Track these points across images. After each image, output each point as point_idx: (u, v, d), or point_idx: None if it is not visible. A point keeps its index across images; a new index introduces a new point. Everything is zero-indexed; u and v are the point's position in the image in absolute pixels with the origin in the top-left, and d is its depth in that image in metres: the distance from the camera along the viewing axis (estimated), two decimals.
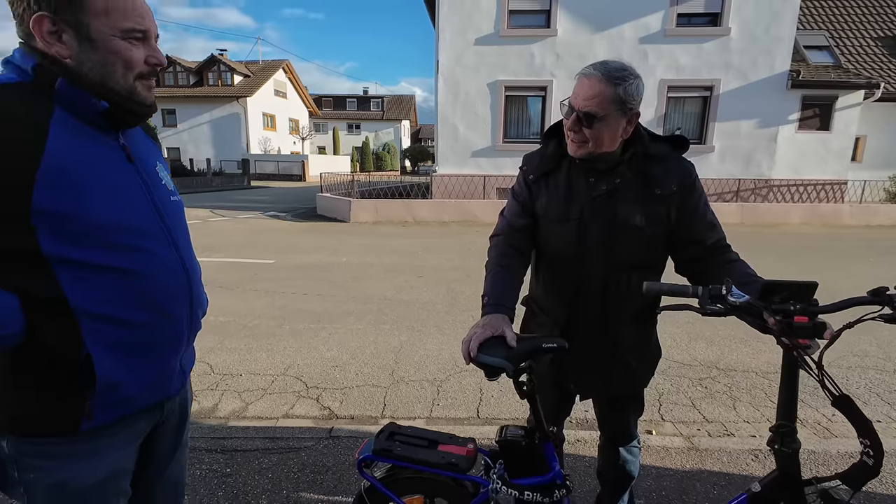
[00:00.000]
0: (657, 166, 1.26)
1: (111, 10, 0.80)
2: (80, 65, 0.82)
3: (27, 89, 0.79)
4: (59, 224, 0.78)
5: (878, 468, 0.95)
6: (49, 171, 0.76)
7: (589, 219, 1.27)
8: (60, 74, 0.80)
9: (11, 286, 0.78)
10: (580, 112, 1.18)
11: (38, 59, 0.80)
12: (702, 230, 1.28)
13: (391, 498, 1.25)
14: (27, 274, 0.79)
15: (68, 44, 0.80)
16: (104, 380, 0.85)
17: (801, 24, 13.07)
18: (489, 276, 1.32)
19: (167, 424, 1.08)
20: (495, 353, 1.12)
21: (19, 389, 0.83)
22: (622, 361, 1.38)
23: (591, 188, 1.27)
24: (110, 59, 0.83)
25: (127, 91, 0.86)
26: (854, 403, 0.95)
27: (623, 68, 1.17)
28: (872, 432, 0.95)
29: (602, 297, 1.31)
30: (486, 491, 1.20)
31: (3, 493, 0.92)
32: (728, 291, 0.97)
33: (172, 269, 0.95)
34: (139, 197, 0.91)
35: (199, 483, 2.03)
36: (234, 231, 9.71)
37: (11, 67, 0.81)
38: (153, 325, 0.92)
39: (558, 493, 1.18)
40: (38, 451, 0.86)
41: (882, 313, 0.95)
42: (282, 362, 3.38)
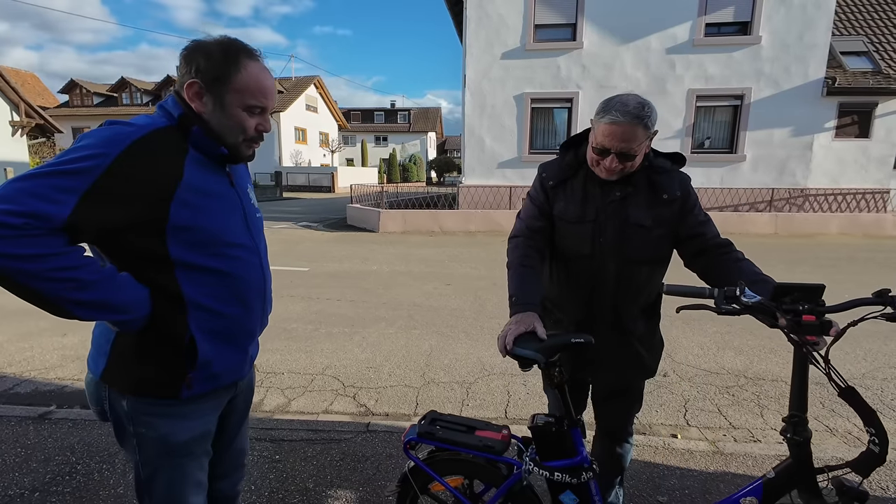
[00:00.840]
0: (661, 176, 1.44)
1: (243, 91, 1.04)
2: (210, 120, 1.05)
3: (173, 132, 1.02)
4: (183, 234, 1.00)
5: (885, 455, 1.04)
6: (182, 193, 0.98)
7: (604, 221, 1.42)
8: (196, 123, 1.03)
9: (145, 280, 1.00)
10: (618, 153, 1.32)
11: (184, 108, 1.04)
12: (699, 224, 1.46)
13: (434, 477, 1.39)
14: (158, 272, 1.00)
15: (206, 104, 1.04)
16: (202, 358, 1.06)
17: (838, 30, 12.73)
18: (514, 276, 1.43)
19: (237, 400, 1.29)
20: (528, 346, 1.24)
21: (140, 361, 1.05)
22: (634, 352, 1.50)
23: (606, 194, 1.43)
24: (232, 123, 1.06)
25: (234, 147, 1.09)
26: (859, 395, 1.05)
27: (642, 104, 1.30)
28: (877, 421, 1.05)
29: (615, 292, 1.44)
30: (519, 472, 1.32)
31: (120, 445, 1.14)
32: (742, 293, 1.08)
33: (256, 273, 1.16)
34: (237, 215, 1.13)
35: (253, 467, 2.23)
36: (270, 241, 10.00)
37: (163, 111, 1.05)
38: (238, 317, 1.12)
39: (585, 475, 1.29)
40: (148, 410, 1.08)
41: (884, 312, 1.04)
42: (320, 363, 3.60)
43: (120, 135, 0.93)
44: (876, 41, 12.47)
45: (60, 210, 0.84)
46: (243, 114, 1.06)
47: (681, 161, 1.49)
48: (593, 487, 1.32)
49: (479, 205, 11.93)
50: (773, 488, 1.16)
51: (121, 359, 1.05)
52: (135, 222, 0.94)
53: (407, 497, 1.50)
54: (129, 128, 0.96)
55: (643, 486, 2.15)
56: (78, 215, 0.86)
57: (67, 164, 0.87)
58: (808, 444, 1.11)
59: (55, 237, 0.86)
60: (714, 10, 11.00)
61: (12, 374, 3.38)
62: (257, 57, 1.07)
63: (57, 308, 0.90)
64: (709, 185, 11.57)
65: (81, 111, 31.11)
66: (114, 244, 0.98)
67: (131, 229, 0.95)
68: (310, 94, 34.85)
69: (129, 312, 0.97)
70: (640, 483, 2.17)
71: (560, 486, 1.31)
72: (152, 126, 0.99)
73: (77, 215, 0.86)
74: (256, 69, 1.05)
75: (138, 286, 0.99)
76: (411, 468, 1.43)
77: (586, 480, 1.29)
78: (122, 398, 1.07)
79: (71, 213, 0.85)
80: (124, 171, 0.91)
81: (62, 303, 0.89)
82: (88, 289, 0.90)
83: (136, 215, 0.94)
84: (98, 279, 0.92)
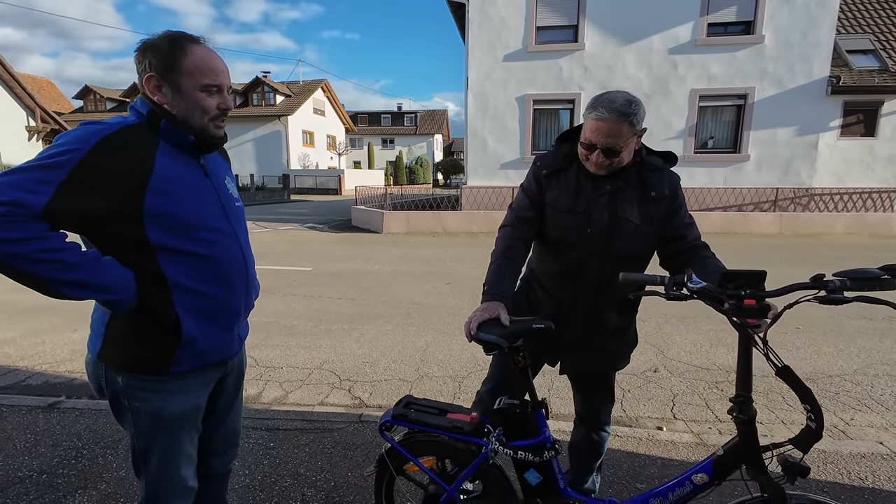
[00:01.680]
0: (652, 174, 1.48)
1: (194, 72, 1.13)
2: (173, 108, 1.15)
3: (143, 127, 1.13)
4: (159, 220, 1.10)
5: (821, 431, 1.10)
6: (155, 182, 1.08)
7: (593, 212, 1.46)
8: (164, 117, 1.14)
9: (129, 264, 1.10)
10: (604, 148, 1.37)
11: (151, 106, 1.14)
12: (683, 226, 1.50)
13: (408, 457, 1.46)
14: (138, 256, 1.10)
15: (166, 94, 1.14)
16: (187, 336, 1.15)
17: (844, 28, 12.65)
18: (493, 265, 1.49)
19: (228, 379, 1.38)
20: (492, 332, 1.32)
21: (132, 340, 1.15)
22: (601, 343, 1.56)
23: (597, 187, 1.47)
24: (192, 105, 1.15)
25: (202, 128, 1.18)
26: (794, 373, 1.10)
27: (629, 102, 1.35)
28: (813, 399, 1.10)
29: (596, 284, 1.50)
30: (486, 452, 1.38)
31: (116, 419, 1.24)
32: (688, 279, 1.15)
33: (235, 256, 1.25)
34: (212, 202, 1.22)
35: (248, 454, 2.34)
36: (276, 241, 10.31)
37: (134, 111, 1.16)
38: (220, 297, 1.22)
39: (547, 454, 1.36)
40: (141, 385, 1.18)
41: (817, 296, 1.08)
42: (318, 358, 3.71)
43: (91, 132, 1.04)
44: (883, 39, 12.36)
45: (38, 199, 0.96)
46: (201, 94, 1.15)
47: (672, 160, 1.53)
48: (555, 466, 1.39)
49: (481, 206, 12.01)
50: (722, 465, 1.22)
51: (115, 338, 1.16)
52: (113, 211, 1.05)
53: (384, 477, 1.57)
54: (100, 126, 1.07)
55: (623, 474, 2.21)
56: (55, 204, 0.97)
57: (45, 160, 0.99)
58: (752, 422, 1.17)
59: (36, 223, 0.97)
60: (716, 9, 11.00)
61: (24, 367, 3.53)
62: (201, 42, 1.17)
63: (46, 287, 1.01)
64: (712, 185, 11.55)
65: (95, 116, 31.74)
66: (98, 231, 1.08)
67: (111, 217, 1.05)
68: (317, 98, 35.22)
69: (115, 292, 1.07)
70: (621, 471, 2.24)
71: (524, 465, 1.38)
72: (123, 123, 1.10)
73: (54, 203, 0.97)
74: (202, 51, 1.15)
75: (122, 269, 1.09)
76: (387, 450, 1.50)
77: (548, 459, 1.36)
78: (118, 375, 1.17)
79: (48, 202, 0.97)
80: (97, 164, 1.02)
81: (50, 283, 1.00)
82: (73, 269, 1.01)
83: (113, 204, 1.04)
84: (81, 261, 1.02)
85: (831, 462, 2.34)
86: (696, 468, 1.26)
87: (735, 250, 8.72)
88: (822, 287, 1.07)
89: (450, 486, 1.44)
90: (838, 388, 3.19)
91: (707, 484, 1.24)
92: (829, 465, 2.31)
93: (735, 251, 8.63)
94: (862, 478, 2.20)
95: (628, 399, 3.05)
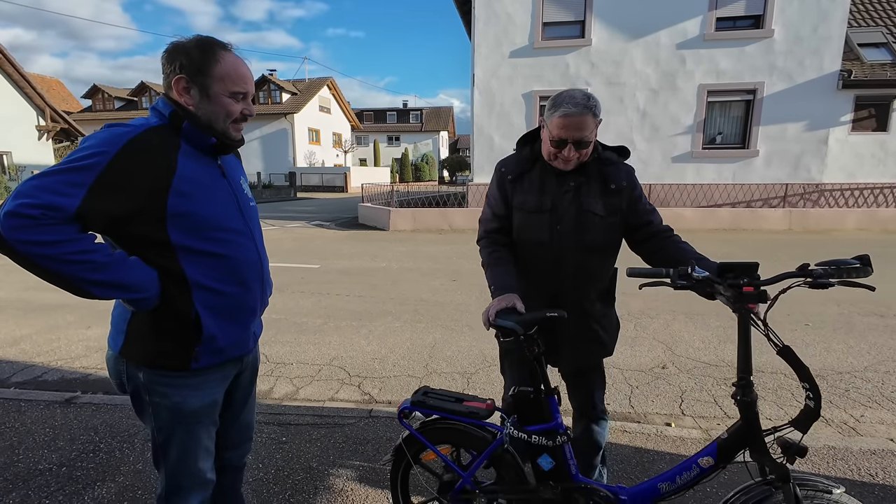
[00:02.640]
0: (609, 168, 1.58)
1: (224, 79, 1.17)
2: (198, 111, 1.18)
3: (166, 129, 1.15)
4: (180, 221, 1.13)
5: (819, 410, 1.17)
6: (177, 183, 1.11)
7: (560, 209, 1.55)
8: (187, 119, 1.16)
9: (151, 263, 1.13)
10: (574, 141, 1.45)
11: (174, 107, 1.16)
12: (647, 213, 1.62)
13: (425, 444, 1.52)
14: (160, 256, 1.13)
15: (193, 96, 1.17)
16: (207, 333, 1.19)
17: (856, 21, 12.46)
18: (488, 271, 1.60)
19: (244, 375, 1.42)
20: (509, 318, 1.40)
21: (154, 337, 1.18)
22: (593, 331, 1.63)
23: (561, 184, 1.55)
24: (218, 109, 1.18)
25: (222, 130, 1.21)
26: (795, 353, 1.18)
27: (587, 96, 1.44)
28: (812, 378, 1.18)
29: (574, 277, 1.57)
30: (502, 437, 1.45)
31: (137, 415, 1.28)
32: (692, 270, 1.24)
33: (251, 255, 1.29)
34: (230, 202, 1.25)
35: (261, 448, 2.38)
36: (284, 239, 10.39)
37: (155, 112, 1.18)
38: (237, 296, 1.25)
39: (560, 439, 1.42)
40: (161, 380, 1.21)
41: (806, 281, 1.19)
42: (327, 354, 3.75)
43: (117, 134, 1.07)
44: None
45: (71, 202, 0.99)
46: (229, 100, 1.18)
47: (626, 154, 1.64)
48: (567, 451, 1.44)
49: None
50: (727, 448, 1.28)
51: (136, 335, 1.19)
52: (138, 211, 1.08)
53: (400, 466, 1.62)
54: (125, 128, 1.09)
55: (631, 469, 2.23)
56: (86, 206, 1.00)
57: (74, 163, 1.02)
58: (754, 404, 1.23)
59: (69, 225, 1.00)
60: (725, 3, 10.88)
61: (41, 363, 3.60)
62: (230, 49, 1.20)
63: (76, 288, 1.04)
64: (720, 181, 11.45)
65: (103, 115, 32.05)
66: (122, 233, 1.11)
67: (136, 218, 1.08)
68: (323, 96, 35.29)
69: (140, 291, 1.10)
70: (629, 467, 2.25)
71: (538, 450, 1.44)
72: (146, 125, 1.12)
73: (85, 206, 1.00)
74: (232, 59, 1.18)
75: (147, 268, 1.12)
76: (405, 438, 1.56)
77: (561, 444, 1.42)
78: (139, 371, 1.20)
79: (80, 204, 1.00)
80: (124, 166, 1.04)
81: (80, 283, 1.03)
82: (102, 270, 1.04)
83: (138, 205, 1.07)
84: (110, 261, 1.05)
85: (841, 458, 2.34)
86: (702, 452, 1.32)
87: (743, 247, 8.66)
88: (808, 275, 1.18)
89: (465, 473, 1.49)
90: (848, 384, 3.18)
91: (713, 467, 1.29)
92: (839, 462, 2.31)
93: (743, 248, 8.57)
94: (872, 474, 2.20)
95: (636, 395, 3.06)
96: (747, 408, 1.22)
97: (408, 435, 1.55)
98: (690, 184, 11.36)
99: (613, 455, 2.33)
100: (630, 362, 3.56)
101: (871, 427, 2.67)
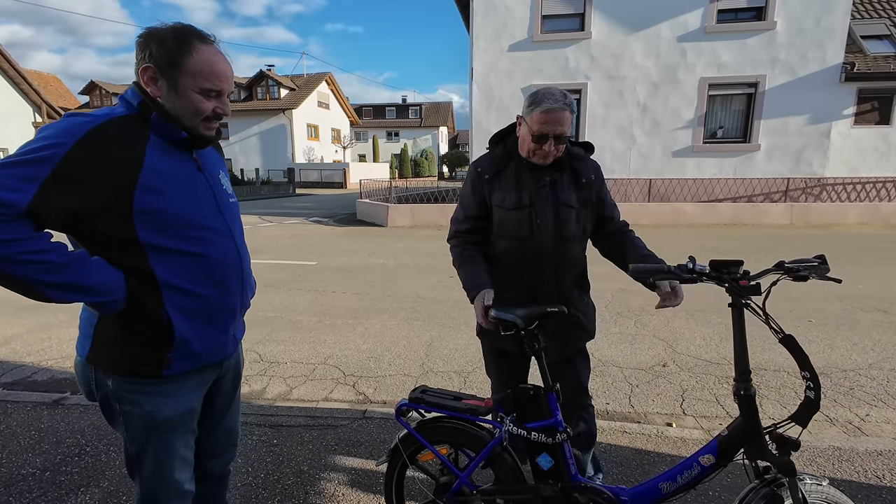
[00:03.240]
0: (579, 162, 1.65)
1: (196, 74, 1.08)
2: (166, 104, 1.10)
3: (133, 120, 1.07)
4: (150, 218, 1.05)
5: (819, 401, 1.17)
6: (145, 178, 1.03)
7: (539, 204, 1.59)
8: (155, 110, 1.08)
9: (118, 264, 1.05)
10: (555, 136, 1.51)
11: (143, 97, 1.08)
12: (611, 208, 1.73)
13: (423, 443, 1.48)
14: (128, 255, 1.06)
15: (161, 88, 1.09)
16: (179, 338, 1.11)
17: (859, 13, 12.31)
18: (461, 270, 1.62)
19: (225, 379, 1.34)
20: (511, 312, 1.39)
21: (122, 342, 1.11)
22: (574, 319, 1.67)
23: (538, 180, 1.60)
24: (186, 105, 1.10)
25: (191, 128, 1.13)
26: (796, 341, 1.19)
27: (565, 93, 1.52)
28: (812, 368, 1.18)
29: (554, 267, 1.62)
30: (501, 434, 1.41)
31: (108, 423, 1.21)
32: (694, 265, 1.26)
33: (230, 254, 1.20)
34: (206, 198, 1.17)
35: (251, 451, 2.32)
36: (281, 235, 10.31)
37: (124, 102, 1.10)
38: (214, 297, 1.17)
39: (559, 437, 1.39)
40: (132, 388, 1.14)
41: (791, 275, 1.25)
42: (322, 353, 3.68)
43: (77, 124, 0.99)
44: None
45: (22, 197, 0.91)
46: (198, 97, 1.10)
47: (591, 149, 1.71)
48: (567, 450, 1.41)
49: None
50: (727, 445, 1.27)
51: (104, 340, 1.11)
52: (101, 208, 1.00)
53: (396, 467, 1.58)
54: (86, 118, 1.01)
55: (632, 472, 2.17)
56: (39, 202, 0.92)
57: (27, 155, 0.94)
58: (753, 399, 1.23)
59: (20, 223, 0.92)
60: None
61: (31, 362, 3.54)
62: (210, 41, 1.11)
63: (30, 290, 0.96)
64: (721, 175, 11.36)
65: None
66: (84, 230, 1.03)
67: (99, 215, 1.00)
68: (322, 91, 35.09)
69: (104, 294, 1.02)
70: (630, 468, 2.19)
71: (537, 448, 1.41)
72: (110, 115, 1.04)
73: (39, 202, 0.92)
74: (209, 53, 1.09)
75: (111, 269, 1.04)
76: (402, 437, 1.52)
77: (560, 441, 1.39)
78: (108, 378, 1.13)
79: (32, 200, 0.91)
80: (83, 158, 0.96)
81: (34, 284, 0.95)
82: (59, 271, 0.96)
83: (101, 201, 0.99)
84: (68, 262, 0.97)
85: (847, 460, 2.28)
86: (703, 450, 1.31)
87: (744, 242, 8.58)
88: (787, 271, 1.24)
89: (462, 473, 1.47)
90: (853, 382, 3.12)
91: (713, 466, 1.28)
92: (845, 463, 2.25)
93: (744, 243, 8.50)
94: (879, 476, 2.14)
95: (636, 394, 3.00)
96: (747, 402, 1.22)
97: (405, 434, 1.51)
98: (691, 178, 11.26)
99: (613, 457, 2.27)
100: (630, 360, 3.50)
101: (876, 427, 2.61)
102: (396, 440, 1.54)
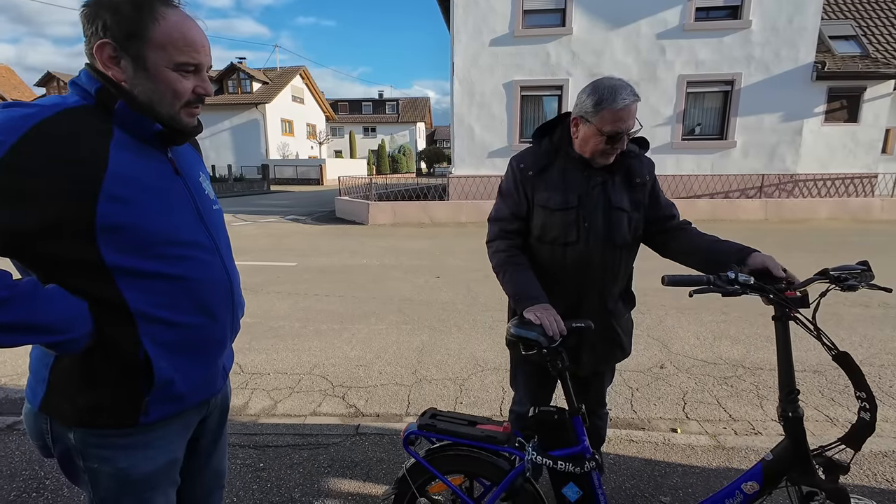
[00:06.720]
0: (633, 161, 1.49)
1: (168, 46, 0.86)
2: (133, 88, 0.88)
3: (91, 111, 0.85)
4: (117, 235, 0.84)
5: (874, 423, 1.08)
6: (110, 185, 0.82)
7: (587, 206, 1.44)
8: (120, 97, 0.86)
9: (80, 292, 0.84)
10: (628, 133, 1.37)
11: (102, 82, 0.86)
12: (669, 207, 1.58)
13: (434, 474, 1.33)
14: (93, 281, 0.84)
15: (125, 69, 0.87)
16: (160, 377, 0.91)
17: (826, 14, 12.69)
18: (510, 275, 1.45)
19: (210, 419, 1.14)
20: (533, 329, 1.25)
21: (86, 386, 0.90)
22: (616, 334, 1.55)
23: (588, 180, 1.45)
24: (161, 87, 0.89)
25: (170, 116, 0.91)
26: (852, 359, 1.12)
27: (629, 84, 1.38)
28: (867, 386, 1.09)
29: (602, 276, 1.48)
30: (523, 463, 1.27)
31: (70, 481, 1.00)
32: (737, 276, 1.14)
33: (217, 273, 1.00)
34: (186, 208, 0.96)
35: (235, 477, 2.11)
36: (257, 235, 9.93)
37: (77, 89, 0.88)
38: (201, 327, 0.97)
39: (588, 465, 1.27)
40: (101, 442, 0.93)
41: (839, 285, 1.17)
42: (308, 362, 3.47)
43: (18, 117, 0.77)
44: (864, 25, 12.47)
45: None
46: (174, 75, 0.88)
47: (646, 145, 1.56)
48: (596, 479, 1.30)
49: (469, 195, 11.77)
50: (772, 470, 1.18)
51: (63, 385, 0.90)
52: (53, 224, 0.79)
53: (404, 500, 1.42)
54: (28, 109, 0.79)
55: (645, 486, 2.07)
56: None
57: None
58: (801, 421, 1.14)
59: None
60: None
61: None
62: (176, 5, 0.90)
63: None
64: (699, 171, 11.54)
65: None
66: (35, 254, 0.82)
67: (51, 234, 0.80)
68: (296, 85, 34.21)
69: (62, 332, 0.82)
70: (642, 482, 2.09)
71: (563, 478, 1.29)
72: (61, 106, 0.82)
73: None
74: (178, 17, 0.88)
75: (72, 299, 0.83)
76: (410, 467, 1.38)
77: (589, 470, 1.27)
78: (68, 430, 0.92)
79: None
80: (25, 164, 0.75)
81: None
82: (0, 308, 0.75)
83: (52, 216, 0.78)
84: (10, 296, 0.76)
85: (854, 463, 2.23)
86: (745, 476, 1.21)
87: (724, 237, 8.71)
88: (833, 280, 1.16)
89: None
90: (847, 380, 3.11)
91: (758, 493, 1.19)
92: (853, 467, 2.21)
93: None
94: (889, 479, 2.10)
95: (638, 399, 2.92)
96: (795, 424, 1.13)
97: (413, 463, 1.36)
98: (670, 175, 11.39)
99: (623, 469, 2.17)
100: (627, 362, 3.40)
101: (880, 426, 2.59)
102: (404, 470, 1.39)
